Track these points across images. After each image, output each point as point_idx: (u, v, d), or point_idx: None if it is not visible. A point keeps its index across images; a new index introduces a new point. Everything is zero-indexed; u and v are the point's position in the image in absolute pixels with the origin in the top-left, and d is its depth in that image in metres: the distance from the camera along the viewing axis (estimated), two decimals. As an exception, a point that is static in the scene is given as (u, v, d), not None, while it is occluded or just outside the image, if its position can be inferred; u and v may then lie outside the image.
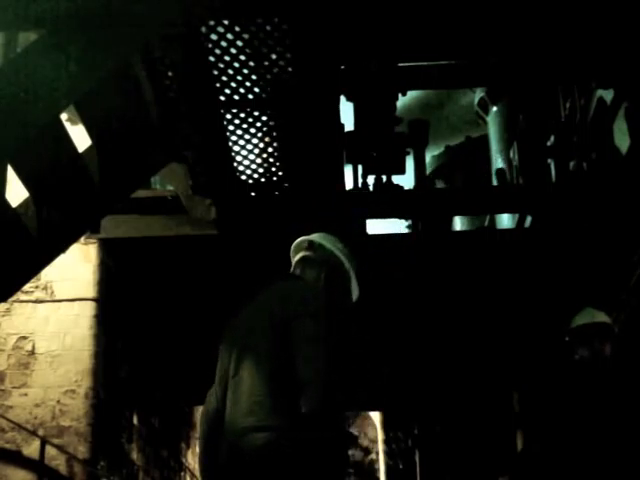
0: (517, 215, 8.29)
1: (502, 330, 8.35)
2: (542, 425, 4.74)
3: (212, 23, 4.88)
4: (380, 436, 13.70)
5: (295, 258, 3.37)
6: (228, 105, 5.52)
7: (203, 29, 4.90)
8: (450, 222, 12.46)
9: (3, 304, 7.09)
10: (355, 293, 3.36)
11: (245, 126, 5.71)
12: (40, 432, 7.06)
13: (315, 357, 2.84)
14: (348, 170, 6.76)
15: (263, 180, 6.31)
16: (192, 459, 10.39)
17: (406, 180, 7.28)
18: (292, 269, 3.33)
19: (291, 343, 2.88)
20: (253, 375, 2.91)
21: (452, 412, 10.85)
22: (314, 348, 2.86)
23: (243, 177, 6.26)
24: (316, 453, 2.75)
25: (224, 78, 5.28)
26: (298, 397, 2.79)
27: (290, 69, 5.24)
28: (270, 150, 5.99)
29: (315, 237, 3.38)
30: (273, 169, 6.20)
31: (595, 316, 4.71)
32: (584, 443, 4.31)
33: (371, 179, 6.97)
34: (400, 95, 6.78)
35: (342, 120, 6.27)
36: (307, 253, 3.33)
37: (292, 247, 3.41)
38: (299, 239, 3.41)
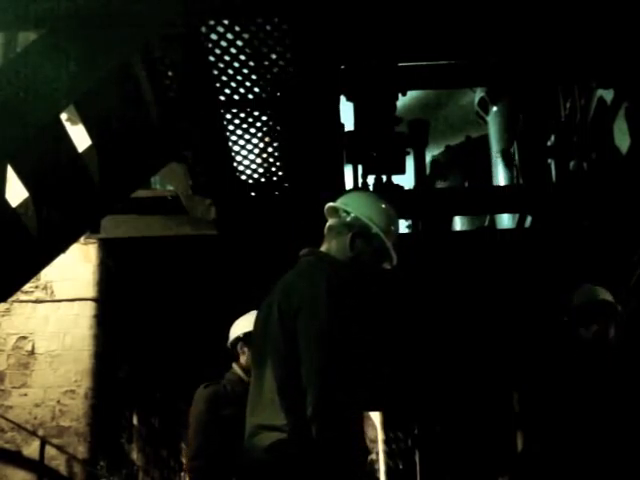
0: (517, 215, 8.29)
1: (502, 330, 8.35)
2: (542, 425, 4.70)
3: (212, 23, 4.87)
4: (380, 436, 13.70)
5: (325, 227, 3.15)
6: (228, 105, 5.51)
7: (203, 29, 4.89)
8: (450, 222, 12.46)
9: (3, 304, 7.09)
10: (394, 258, 3.10)
11: (245, 126, 5.71)
12: (40, 432, 7.06)
13: (314, 357, 2.72)
14: (348, 170, 6.77)
15: (263, 180, 6.31)
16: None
17: (406, 180, 7.29)
18: (324, 238, 3.11)
19: (297, 340, 2.76)
20: (269, 372, 2.86)
21: (452, 412, 10.85)
22: (313, 347, 2.73)
23: (243, 177, 6.26)
24: (323, 455, 2.69)
25: (224, 78, 5.28)
26: (304, 399, 2.72)
27: (290, 69, 5.24)
28: (270, 150, 5.99)
29: (340, 201, 3.16)
30: (273, 169, 6.20)
31: (597, 294, 4.43)
32: (585, 443, 4.29)
33: (371, 179, 6.98)
34: (400, 95, 6.78)
35: (342, 120, 6.27)
36: (332, 221, 3.12)
37: (324, 212, 3.18)
38: (327, 204, 3.16)
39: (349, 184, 6.85)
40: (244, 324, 4.76)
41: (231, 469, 4.38)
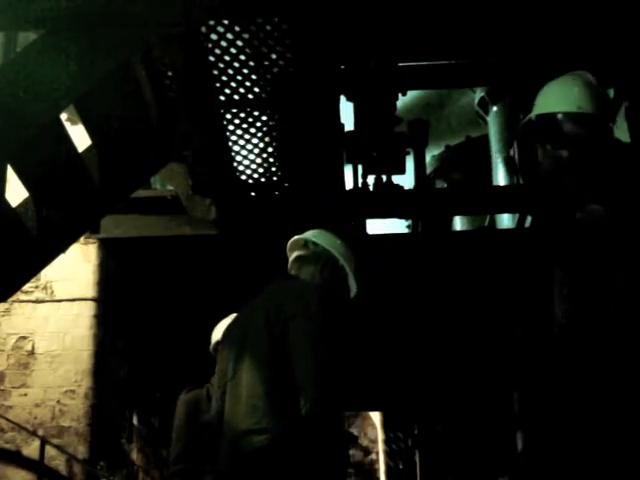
0: (517, 215, 8.29)
1: (502, 330, 8.35)
2: (542, 425, 4.66)
3: (212, 23, 4.88)
4: (380, 436, 13.70)
5: (291, 257, 3.38)
6: (228, 105, 5.52)
7: (203, 29, 4.90)
8: (450, 222, 12.46)
9: (3, 304, 7.10)
10: (353, 289, 3.36)
11: (245, 126, 5.71)
12: (40, 432, 7.06)
13: (311, 358, 2.84)
14: (348, 170, 6.77)
15: (263, 180, 6.31)
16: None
17: (406, 180, 7.28)
18: (289, 268, 3.35)
19: (288, 344, 2.88)
20: (251, 377, 2.91)
21: (452, 412, 10.85)
22: (310, 349, 2.85)
23: (243, 177, 6.26)
24: (314, 455, 2.75)
25: (224, 78, 5.28)
26: (296, 399, 2.78)
27: (290, 69, 5.24)
28: (270, 150, 6.00)
29: (309, 235, 3.40)
30: (273, 169, 6.20)
31: (581, 98, 2.68)
32: (585, 441, 4.26)
33: (371, 179, 6.97)
34: (400, 95, 6.78)
35: (342, 120, 6.27)
36: (301, 252, 3.36)
37: (287, 246, 3.42)
38: (293, 238, 3.42)
39: (349, 184, 6.86)
40: (222, 328, 4.81)
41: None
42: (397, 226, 12.04)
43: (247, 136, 5.81)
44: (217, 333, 4.87)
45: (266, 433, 2.79)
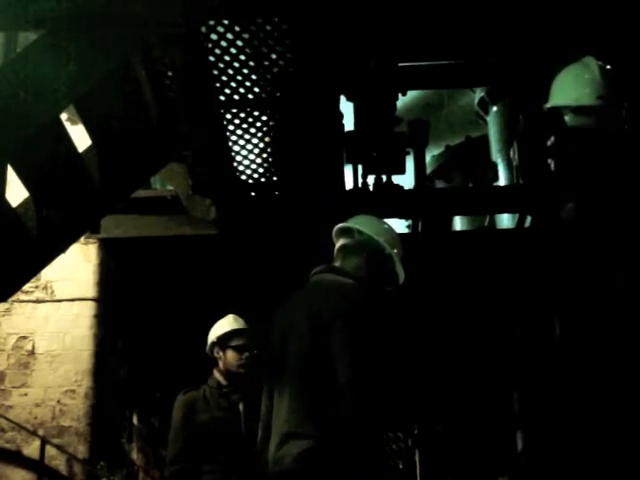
0: (517, 215, 8.29)
1: (502, 330, 8.35)
2: (542, 425, 4.67)
3: (212, 23, 4.88)
4: (380, 436, 13.67)
5: (336, 245, 3.26)
6: (228, 105, 5.52)
7: (203, 29, 4.90)
8: (450, 222, 12.45)
9: (3, 304, 7.10)
10: (401, 277, 3.28)
11: (245, 126, 5.72)
12: (40, 432, 7.06)
13: (353, 363, 2.78)
14: (348, 170, 6.77)
15: (263, 180, 6.32)
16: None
17: (406, 180, 7.28)
18: (334, 257, 3.23)
19: (331, 347, 2.82)
20: (294, 380, 2.89)
21: (452, 412, 10.85)
22: (353, 353, 2.79)
23: (243, 177, 6.27)
24: (351, 462, 2.71)
25: (224, 78, 5.29)
26: (338, 403, 2.74)
27: (290, 69, 5.24)
28: (270, 150, 6.00)
29: (353, 222, 3.28)
30: (273, 169, 6.20)
31: (580, 90, 2.61)
32: (585, 441, 4.28)
33: (371, 179, 6.97)
34: (400, 95, 6.78)
35: (342, 120, 6.27)
36: (346, 240, 3.24)
37: (333, 233, 3.30)
38: (338, 225, 3.29)
39: (349, 184, 6.86)
40: (218, 328, 4.83)
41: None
42: (397, 226, 12.04)
43: (247, 136, 5.81)
44: (214, 333, 4.89)
45: (305, 438, 2.77)
